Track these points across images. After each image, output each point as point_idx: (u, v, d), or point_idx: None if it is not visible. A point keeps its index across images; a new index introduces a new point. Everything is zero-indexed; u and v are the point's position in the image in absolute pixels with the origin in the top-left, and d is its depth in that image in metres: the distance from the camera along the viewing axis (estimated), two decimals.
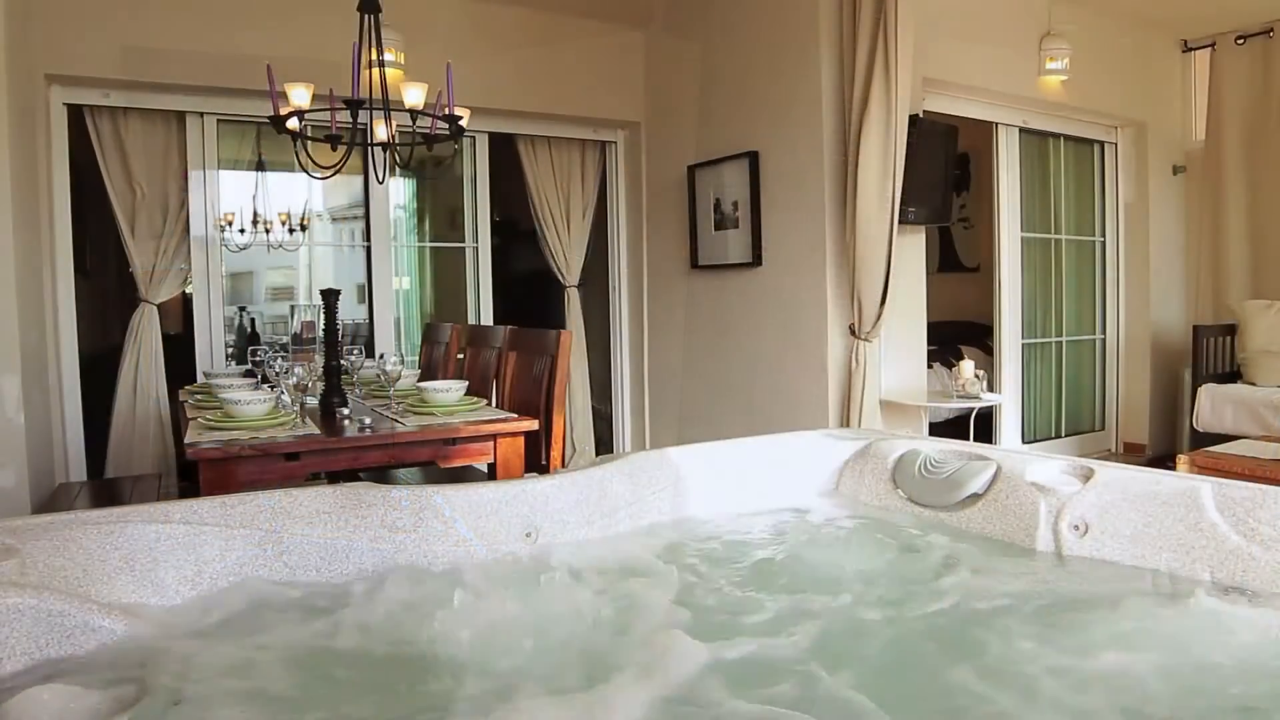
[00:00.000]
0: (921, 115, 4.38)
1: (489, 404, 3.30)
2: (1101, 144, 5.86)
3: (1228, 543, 1.91)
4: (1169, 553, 1.98)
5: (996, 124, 5.23)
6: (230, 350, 5.15)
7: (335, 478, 3.14)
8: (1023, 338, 5.44)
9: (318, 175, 3.27)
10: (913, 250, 4.49)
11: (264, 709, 1.42)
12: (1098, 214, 5.90)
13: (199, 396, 3.41)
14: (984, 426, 5.15)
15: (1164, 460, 5.08)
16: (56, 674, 1.52)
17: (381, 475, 3.50)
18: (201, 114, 4.53)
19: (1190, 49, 5.95)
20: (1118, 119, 5.76)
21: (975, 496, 2.35)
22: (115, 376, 4.48)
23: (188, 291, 4.93)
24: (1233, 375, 5.28)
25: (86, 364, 4.46)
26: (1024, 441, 5.42)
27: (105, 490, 3.92)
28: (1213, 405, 5.03)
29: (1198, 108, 5.97)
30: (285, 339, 7.21)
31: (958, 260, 7.20)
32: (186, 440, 2.52)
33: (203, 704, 1.42)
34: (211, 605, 1.84)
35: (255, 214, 6.04)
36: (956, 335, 6.33)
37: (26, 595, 1.60)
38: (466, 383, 3.15)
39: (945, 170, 4.47)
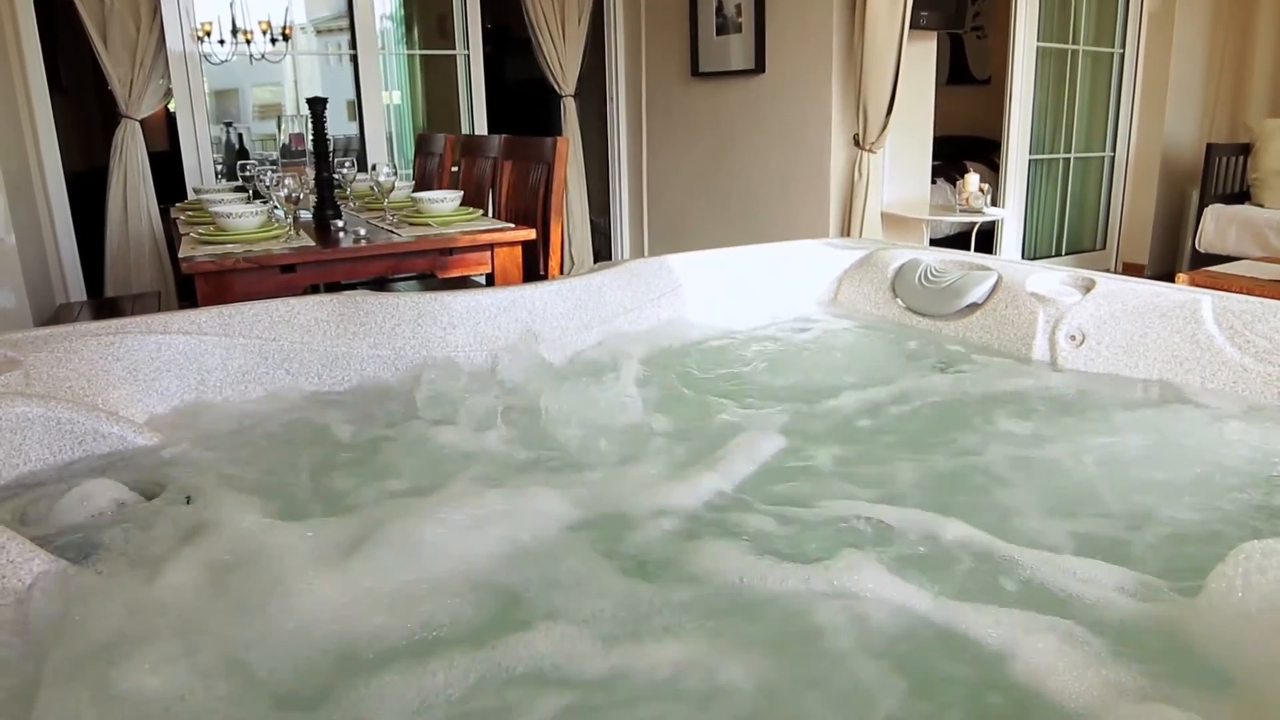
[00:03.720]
0: None
1: (485, 215, 3.25)
2: None
3: (1222, 355, 1.92)
4: (1163, 363, 2.00)
5: None
6: (220, 168, 5.03)
7: (332, 291, 3.13)
8: (1030, 154, 5.31)
9: None
10: (922, 59, 4.32)
11: (272, 503, 1.47)
12: (1119, 23, 5.61)
13: (191, 213, 3.35)
14: (985, 244, 5.12)
15: (1163, 280, 5.07)
16: (73, 478, 1.56)
17: (379, 287, 3.50)
18: None
19: None
20: None
21: (974, 306, 2.35)
22: (105, 195, 4.40)
23: (172, 109, 4.77)
24: (1241, 196, 5.19)
25: (74, 184, 4.38)
26: (1023, 259, 5.40)
27: (106, 308, 3.93)
28: (1217, 226, 4.97)
29: None
30: (274, 155, 7.03)
31: (968, 72, 6.95)
32: (181, 254, 2.49)
33: (214, 500, 1.46)
34: (216, 411, 1.88)
35: (234, 24, 5.75)
36: (962, 150, 6.20)
37: (34, 404, 1.63)
38: (462, 193, 3.09)
39: None
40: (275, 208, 2.87)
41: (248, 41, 5.73)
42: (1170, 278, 4.22)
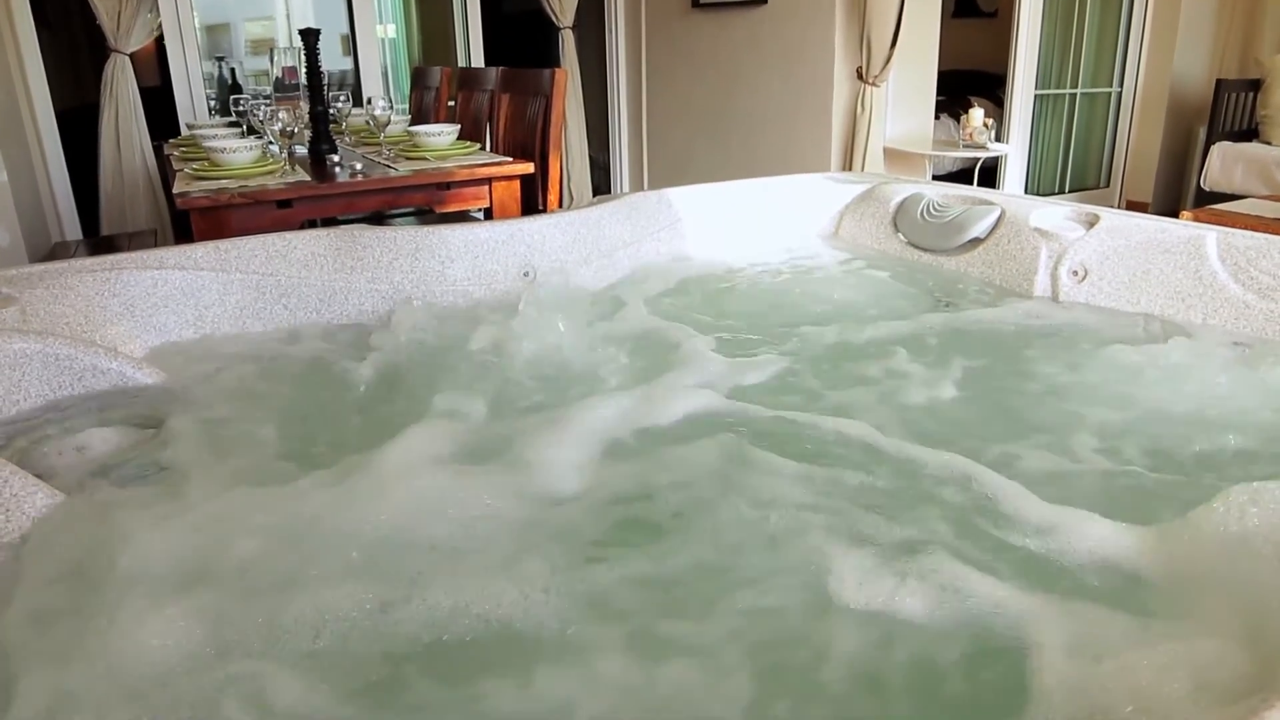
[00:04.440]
0: None
1: (483, 148, 3.21)
2: None
3: (1225, 291, 1.91)
4: (1165, 299, 1.99)
5: None
6: (213, 105, 4.95)
7: (328, 226, 3.11)
8: (1036, 89, 5.22)
9: None
10: None
11: (273, 436, 1.48)
12: None
13: (185, 148, 3.30)
14: (988, 180, 5.07)
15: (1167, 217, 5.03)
16: (72, 414, 1.57)
17: (376, 222, 3.46)
18: None
19: None
20: None
21: (976, 241, 2.33)
22: (96, 132, 4.33)
23: (165, 44, 4.67)
24: (1249, 134, 5.11)
25: (65, 120, 4.30)
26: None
27: (102, 246, 3.89)
28: (1223, 163, 4.91)
29: None
30: (268, 90, 6.92)
31: (974, 4, 6.81)
32: (175, 190, 2.46)
33: (216, 433, 1.47)
34: (216, 346, 1.88)
35: None
36: (967, 85, 6.10)
37: (31, 340, 1.62)
38: (459, 126, 3.05)
39: None
40: (270, 142, 2.83)
41: None
42: (1174, 216, 4.19)
